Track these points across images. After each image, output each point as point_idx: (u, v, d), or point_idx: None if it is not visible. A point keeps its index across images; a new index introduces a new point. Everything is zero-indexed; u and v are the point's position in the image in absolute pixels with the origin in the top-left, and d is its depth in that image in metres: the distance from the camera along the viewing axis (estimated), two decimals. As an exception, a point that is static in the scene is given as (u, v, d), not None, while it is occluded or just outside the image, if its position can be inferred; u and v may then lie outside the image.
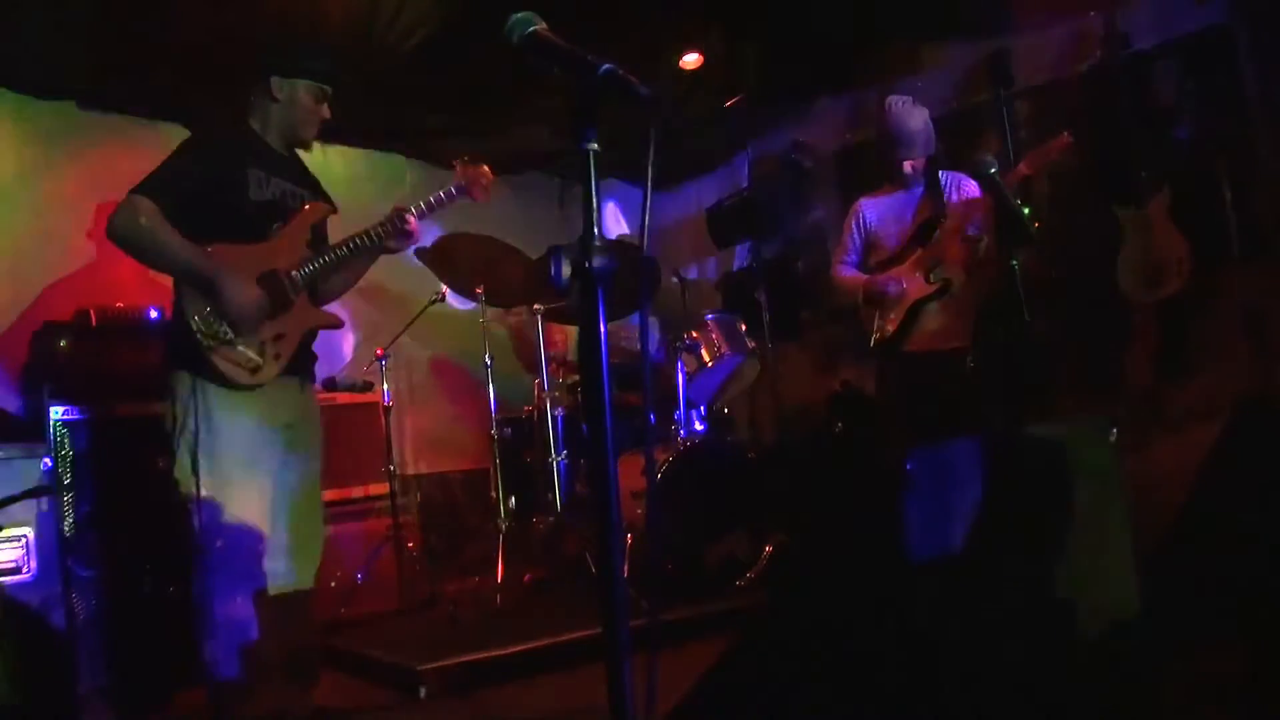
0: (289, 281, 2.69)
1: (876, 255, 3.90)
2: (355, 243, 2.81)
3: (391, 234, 2.85)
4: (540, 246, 4.39)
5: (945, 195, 3.72)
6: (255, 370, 2.60)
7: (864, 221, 3.95)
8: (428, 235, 3.85)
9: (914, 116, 3.79)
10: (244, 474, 2.59)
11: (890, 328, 3.76)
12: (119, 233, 2.54)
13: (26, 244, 4.22)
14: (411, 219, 2.86)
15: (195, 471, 2.56)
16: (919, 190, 3.82)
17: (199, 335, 2.53)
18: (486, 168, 3.15)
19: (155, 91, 4.34)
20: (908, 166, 3.79)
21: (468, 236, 4.50)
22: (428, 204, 2.95)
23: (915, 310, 3.72)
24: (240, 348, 2.58)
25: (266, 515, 2.64)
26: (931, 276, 3.67)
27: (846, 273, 3.98)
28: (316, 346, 2.94)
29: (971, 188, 3.70)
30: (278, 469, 2.68)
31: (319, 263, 2.76)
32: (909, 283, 3.72)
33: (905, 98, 3.87)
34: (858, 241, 3.97)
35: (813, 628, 1.57)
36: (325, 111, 2.86)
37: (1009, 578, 1.66)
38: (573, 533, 4.20)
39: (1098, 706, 1.66)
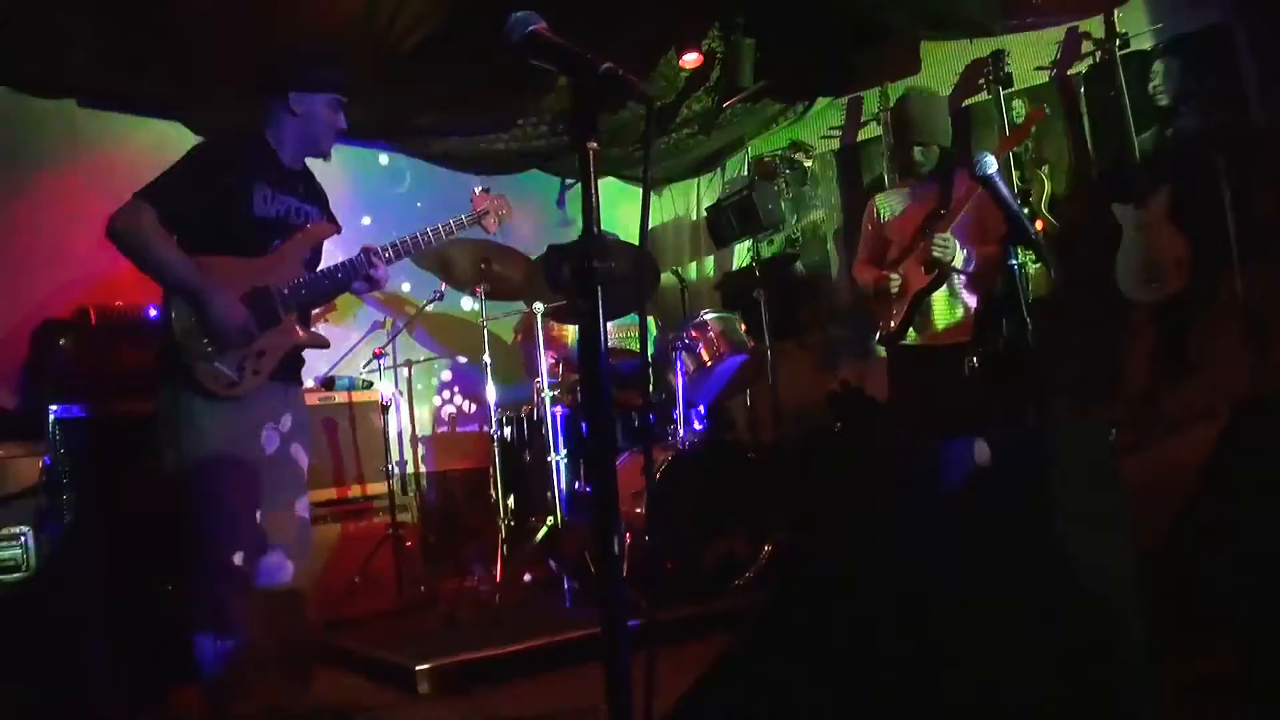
0: (279, 299, 2.68)
1: (891, 250, 3.83)
2: (329, 276, 2.79)
3: (355, 275, 2.81)
4: (540, 246, 4.44)
5: (955, 188, 3.69)
6: (231, 385, 2.59)
7: (877, 216, 3.90)
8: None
9: (930, 104, 3.77)
10: (232, 474, 2.59)
11: (893, 322, 3.73)
12: (118, 235, 2.55)
13: (25, 242, 4.21)
14: (379, 264, 2.81)
15: (185, 472, 2.57)
16: (932, 184, 3.79)
17: (180, 346, 2.54)
18: (504, 198, 3.17)
19: (155, 91, 4.33)
20: (917, 153, 3.75)
21: (467, 236, 4.49)
22: (412, 241, 2.88)
23: (917, 303, 3.67)
24: (217, 364, 2.57)
25: (257, 514, 2.64)
26: (927, 268, 3.61)
27: (861, 270, 3.94)
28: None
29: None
30: (266, 469, 2.67)
31: (314, 284, 2.75)
32: (911, 275, 3.68)
33: (928, 90, 3.87)
34: (871, 237, 3.92)
35: (813, 628, 1.57)
36: (341, 121, 2.83)
37: (1008, 577, 1.66)
38: (573, 533, 4.20)
39: (1098, 706, 1.66)
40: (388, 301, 5.30)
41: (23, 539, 3.23)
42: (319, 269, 2.81)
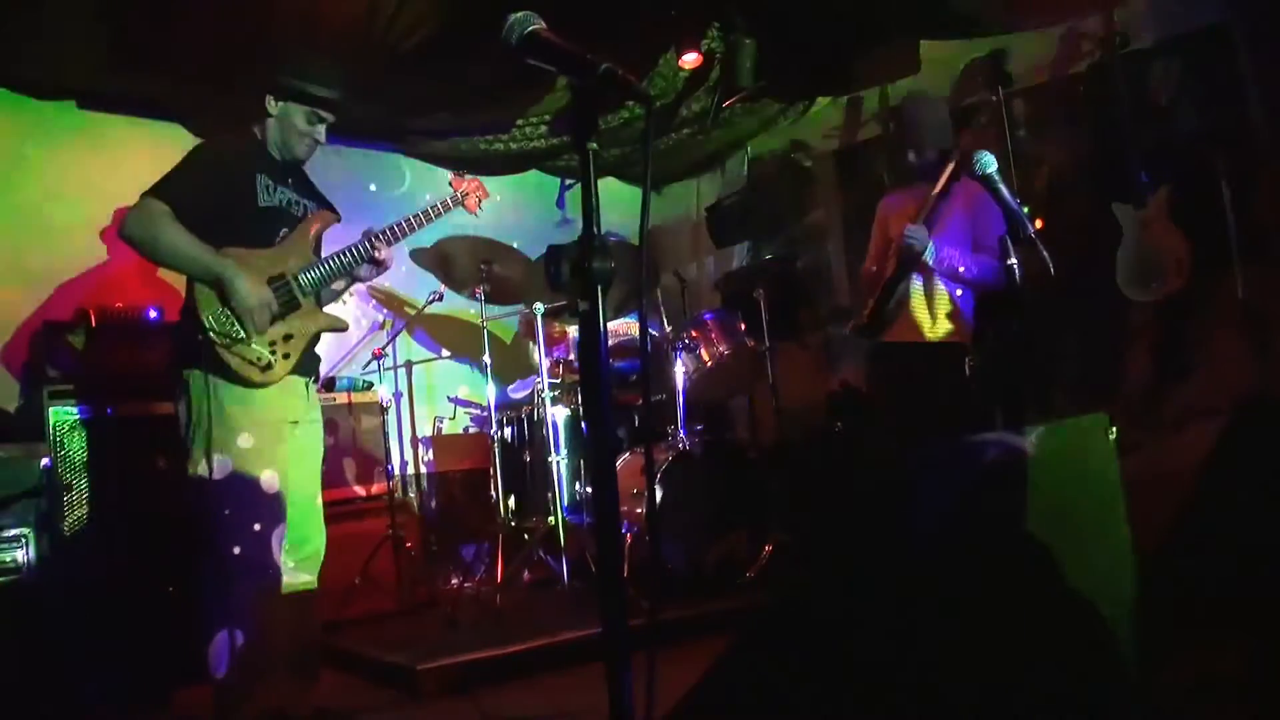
0: (297, 284, 2.75)
1: (891, 249, 3.79)
2: (337, 261, 2.84)
3: (360, 261, 2.88)
4: (540, 246, 4.44)
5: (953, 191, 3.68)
6: (266, 368, 2.65)
7: (884, 218, 3.90)
8: (427, 235, 3.84)
9: (925, 109, 3.76)
10: (257, 471, 2.62)
11: (865, 312, 3.73)
12: (132, 234, 2.59)
13: (25, 244, 4.21)
14: (381, 245, 2.89)
15: (210, 468, 2.58)
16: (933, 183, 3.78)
17: (212, 334, 2.58)
18: (479, 180, 3.27)
19: (155, 91, 4.33)
20: (910, 156, 3.75)
21: (466, 237, 4.51)
22: (408, 223, 2.95)
23: (886, 295, 3.66)
24: (253, 345, 2.63)
25: (277, 513, 2.65)
26: (897, 259, 3.60)
27: (866, 269, 3.95)
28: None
29: (974, 187, 3.67)
30: (288, 467, 2.70)
31: (324, 268, 2.81)
32: (889, 268, 3.68)
33: (927, 95, 3.89)
34: (878, 238, 3.92)
35: (813, 628, 1.57)
36: (320, 135, 2.90)
37: (1008, 577, 1.66)
38: (573, 533, 4.20)
39: (1098, 706, 1.66)
40: (388, 302, 5.31)
41: (23, 540, 3.23)
42: (325, 255, 2.87)
